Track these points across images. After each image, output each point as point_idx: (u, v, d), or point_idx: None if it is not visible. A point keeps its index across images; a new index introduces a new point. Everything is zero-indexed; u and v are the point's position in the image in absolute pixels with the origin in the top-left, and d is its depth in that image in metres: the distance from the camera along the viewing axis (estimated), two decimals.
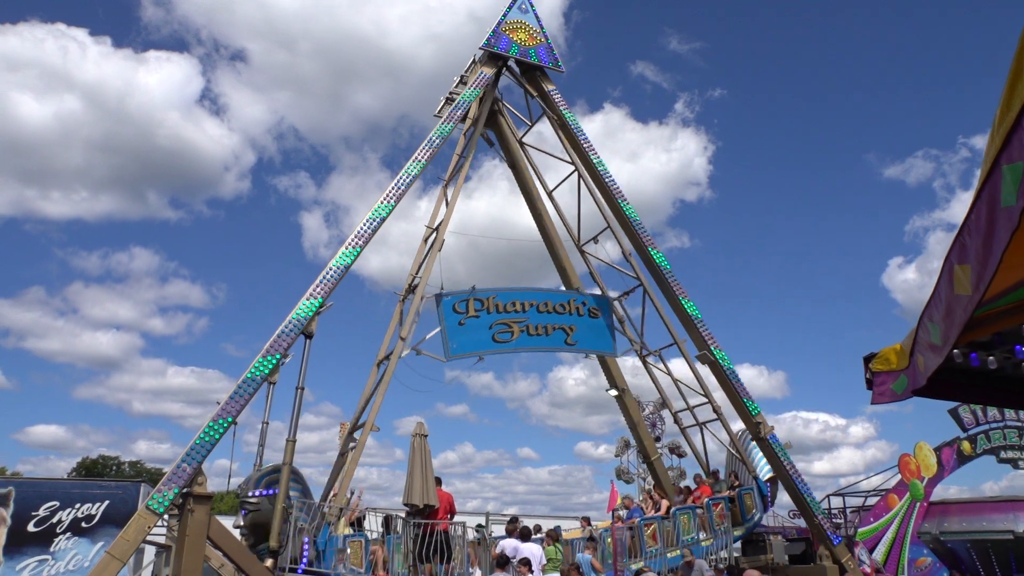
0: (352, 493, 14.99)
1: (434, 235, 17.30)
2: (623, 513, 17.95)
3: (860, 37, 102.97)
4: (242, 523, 14.11)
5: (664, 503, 17.67)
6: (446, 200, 17.71)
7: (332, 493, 15.82)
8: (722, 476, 18.87)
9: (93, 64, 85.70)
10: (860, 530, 15.88)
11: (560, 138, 19.47)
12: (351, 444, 16.34)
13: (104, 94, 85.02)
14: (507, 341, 17.48)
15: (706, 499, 17.27)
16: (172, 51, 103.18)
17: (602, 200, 19.16)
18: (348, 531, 14.00)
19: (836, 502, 25.66)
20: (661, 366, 19.95)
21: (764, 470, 17.67)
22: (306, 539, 13.18)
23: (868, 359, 13.94)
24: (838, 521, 23.69)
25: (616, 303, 19.63)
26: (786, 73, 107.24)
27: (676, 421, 19.72)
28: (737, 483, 18.20)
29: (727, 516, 17.20)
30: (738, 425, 18.77)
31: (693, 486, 18.62)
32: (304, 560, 13.03)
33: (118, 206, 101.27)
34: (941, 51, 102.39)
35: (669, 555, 15.90)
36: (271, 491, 13.65)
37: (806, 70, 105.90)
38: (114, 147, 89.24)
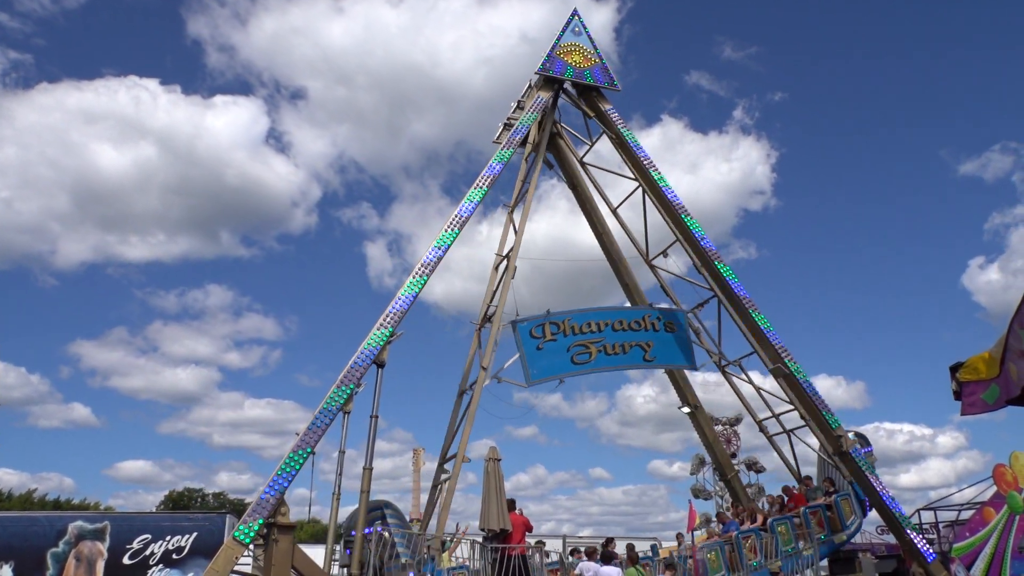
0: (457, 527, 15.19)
1: (505, 262, 17.47)
2: (718, 528, 17.62)
3: (926, 24, 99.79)
4: (348, 563, 13.98)
5: (760, 516, 17.27)
6: (513, 226, 17.86)
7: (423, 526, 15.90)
8: (815, 483, 18.28)
9: (164, 112, 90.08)
10: (955, 546, 14.98)
11: (620, 155, 19.47)
12: (444, 476, 16.49)
13: (175, 139, 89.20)
14: (586, 362, 17.57)
15: (802, 508, 16.82)
16: (237, 94, 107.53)
17: (665, 215, 19.02)
18: (452, 563, 14.12)
19: (927, 516, 24.53)
20: (742, 376, 19.55)
21: None
22: (411, 574, 13.18)
23: (955, 368, 13.40)
24: (931, 536, 22.62)
25: (691, 315, 19.37)
26: (849, 69, 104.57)
27: (762, 430, 19.14)
28: (832, 489, 17.62)
29: (826, 524, 16.77)
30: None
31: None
32: None
33: (193, 246, 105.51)
34: (1016, 35, 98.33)
35: (770, 568, 15.69)
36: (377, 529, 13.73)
37: (870, 64, 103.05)
38: (188, 190, 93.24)
